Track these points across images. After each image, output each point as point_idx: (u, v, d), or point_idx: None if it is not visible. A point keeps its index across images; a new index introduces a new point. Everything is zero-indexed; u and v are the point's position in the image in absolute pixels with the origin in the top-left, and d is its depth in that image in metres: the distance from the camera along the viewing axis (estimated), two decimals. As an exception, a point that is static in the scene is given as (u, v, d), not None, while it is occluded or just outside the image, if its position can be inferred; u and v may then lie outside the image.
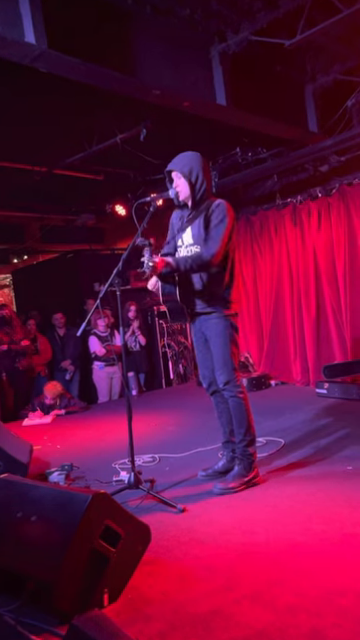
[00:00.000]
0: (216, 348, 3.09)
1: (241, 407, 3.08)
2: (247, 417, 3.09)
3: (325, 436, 3.97)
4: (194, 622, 1.79)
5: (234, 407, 3.10)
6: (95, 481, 3.39)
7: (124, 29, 3.75)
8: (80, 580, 1.84)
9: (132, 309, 6.98)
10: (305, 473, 3.17)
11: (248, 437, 3.08)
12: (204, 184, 3.06)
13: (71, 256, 8.43)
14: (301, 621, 1.73)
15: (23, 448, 3.65)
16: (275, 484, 3.05)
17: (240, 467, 3.07)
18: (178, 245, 3.20)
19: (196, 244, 3.07)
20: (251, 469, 3.07)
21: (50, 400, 5.98)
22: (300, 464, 3.37)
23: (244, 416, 3.08)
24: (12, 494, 2.18)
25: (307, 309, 6.48)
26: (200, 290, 3.07)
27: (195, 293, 3.07)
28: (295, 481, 3.06)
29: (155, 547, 2.27)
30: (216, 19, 4.01)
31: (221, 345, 3.07)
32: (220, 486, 3.00)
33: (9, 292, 9.84)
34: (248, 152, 6.23)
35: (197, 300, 3.09)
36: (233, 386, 3.07)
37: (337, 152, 5.86)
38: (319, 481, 3.00)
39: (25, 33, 3.12)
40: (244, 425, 3.08)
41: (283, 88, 5.02)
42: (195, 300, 3.09)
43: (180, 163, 3.08)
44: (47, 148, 5.69)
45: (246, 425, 3.08)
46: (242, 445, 3.08)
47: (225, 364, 3.07)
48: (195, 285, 3.07)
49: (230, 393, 3.09)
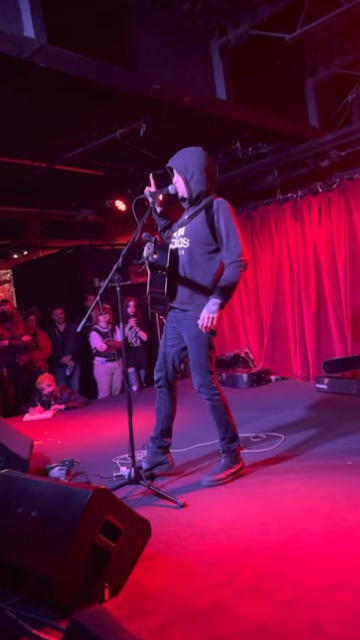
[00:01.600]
0: (192, 351, 3.09)
1: (218, 409, 3.10)
2: (226, 417, 3.11)
3: (325, 431, 3.98)
4: (194, 616, 1.81)
5: (211, 409, 3.11)
6: (95, 476, 3.40)
7: (124, 23, 3.73)
8: (81, 575, 1.85)
9: (131, 304, 6.97)
10: (305, 468, 3.18)
11: (229, 435, 3.12)
12: (201, 181, 3.04)
13: (71, 251, 8.41)
14: (300, 615, 1.74)
15: (23, 443, 3.66)
16: (275, 479, 3.06)
17: (226, 460, 3.12)
18: (172, 236, 3.18)
19: (187, 237, 3.07)
20: (237, 461, 3.14)
21: (47, 388, 5.96)
22: (300, 459, 3.38)
23: (222, 417, 3.11)
24: (13, 489, 2.19)
25: (307, 304, 6.48)
26: (184, 287, 3.06)
27: (179, 288, 3.07)
28: (295, 476, 3.07)
29: (155, 542, 2.28)
30: (216, 13, 3.99)
31: (196, 347, 3.07)
32: (208, 478, 3.06)
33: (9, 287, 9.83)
34: (248, 147, 6.21)
35: (178, 295, 3.08)
36: (208, 389, 3.08)
37: (338, 147, 5.85)
38: (319, 476, 3.01)
39: (24, 27, 3.11)
40: (223, 424, 3.11)
41: (283, 82, 5.00)
42: (177, 294, 3.08)
43: (177, 160, 3.09)
44: (47, 143, 5.67)
45: (225, 424, 3.11)
46: (224, 443, 3.13)
47: (200, 367, 3.07)
48: (180, 280, 3.07)
49: (205, 396, 3.11)
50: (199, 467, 3.41)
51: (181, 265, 3.07)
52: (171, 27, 4.01)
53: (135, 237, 3.07)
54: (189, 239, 3.06)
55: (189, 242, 3.06)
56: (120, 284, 3.02)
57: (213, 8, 3.91)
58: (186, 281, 3.06)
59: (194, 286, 3.05)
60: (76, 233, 8.77)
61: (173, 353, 3.22)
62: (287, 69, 4.87)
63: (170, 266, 3.04)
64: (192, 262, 3.05)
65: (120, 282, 3.02)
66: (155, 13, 3.83)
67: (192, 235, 3.05)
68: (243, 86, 4.55)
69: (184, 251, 3.07)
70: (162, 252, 3.06)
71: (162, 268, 3.03)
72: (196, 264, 3.04)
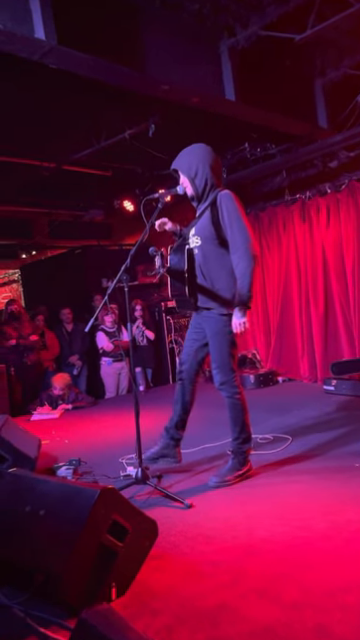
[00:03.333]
0: (214, 347, 3.09)
1: (237, 407, 3.10)
2: (242, 417, 3.11)
3: (332, 433, 3.96)
4: (201, 616, 1.81)
5: (230, 407, 3.12)
6: (102, 476, 3.41)
7: (133, 24, 3.74)
8: (88, 574, 1.86)
9: (137, 308, 6.98)
10: (312, 470, 3.17)
11: (243, 435, 3.12)
12: (205, 177, 3.04)
13: (79, 252, 8.44)
14: (307, 617, 1.73)
15: (31, 442, 3.68)
16: (282, 481, 3.05)
17: (235, 461, 3.12)
18: (188, 236, 3.20)
19: (198, 235, 3.08)
20: (245, 463, 3.14)
21: (59, 391, 6.00)
22: (307, 461, 3.37)
23: (239, 416, 3.11)
24: (20, 488, 2.21)
25: (315, 305, 6.45)
26: (203, 285, 3.07)
27: (199, 288, 3.08)
28: (302, 478, 3.06)
29: (162, 542, 2.28)
30: (225, 14, 3.98)
31: (219, 344, 3.07)
32: (215, 479, 3.06)
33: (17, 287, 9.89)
34: (257, 148, 6.20)
35: (199, 295, 3.09)
36: (229, 386, 3.09)
37: (347, 148, 5.82)
38: (326, 478, 3.00)
39: (35, 29, 3.13)
40: (239, 424, 3.11)
41: (292, 83, 4.99)
42: (198, 294, 3.09)
43: (180, 160, 3.11)
44: (55, 144, 5.70)
45: (241, 424, 3.11)
46: (237, 443, 3.13)
47: (222, 364, 3.08)
48: (199, 279, 3.08)
49: (226, 393, 3.11)
50: (206, 468, 3.41)
51: (197, 264, 3.08)
52: (180, 28, 4.01)
53: (143, 238, 3.08)
54: (200, 237, 3.07)
55: (200, 240, 3.07)
56: (128, 284, 3.04)
57: (222, 9, 3.91)
58: (205, 279, 3.07)
59: (213, 283, 3.06)
60: (84, 233, 8.80)
61: (196, 347, 3.22)
62: (296, 69, 4.86)
63: (188, 267, 3.04)
64: (206, 260, 3.06)
65: (128, 282, 3.03)
66: (164, 14, 3.84)
67: (202, 232, 3.06)
68: (252, 86, 4.54)
69: (198, 249, 3.08)
70: (179, 254, 3.07)
71: (180, 271, 3.03)
72: (210, 261, 3.05)
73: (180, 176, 3.13)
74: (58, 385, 6.01)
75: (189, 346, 3.26)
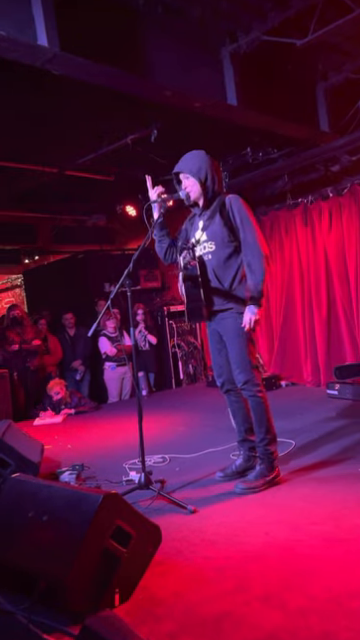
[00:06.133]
0: (233, 346, 3.08)
1: (261, 406, 3.06)
2: (267, 416, 3.08)
3: (336, 437, 3.94)
4: (204, 623, 1.79)
5: (254, 406, 3.08)
6: (106, 481, 3.40)
7: (136, 30, 3.76)
8: (91, 580, 1.85)
9: (139, 312, 6.99)
10: (316, 475, 3.16)
11: (269, 436, 3.07)
12: (214, 181, 3.07)
13: (82, 256, 8.46)
14: (312, 623, 1.72)
15: (34, 447, 3.68)
16: (286, 486, 3.04)
17: (262, 467, 3.06)
18: (190, 244, 3.19)
19: (211, 240, 3.07)
20: (273, 468, 3.06)
21: (56, 396, 6.00)
22: (311, 466, 3.35)
23: (264, 415, 3.07)
24: (23, 493, 2.20)
25: (318, 309, 6.44)
26: (218, 288, 3.08)
27: (214, 292, 3.09)
28: (306, 483, 3.04)
29: (166, 548, 2.27)
30: (227, 19, 4.01)
31: (238, 343, 3.06)
32: (242, 486, 2.98)
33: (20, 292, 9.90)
34: (259, 152, 6.21)
35: (215, 298, 3.09)
36: (252, 385, 3.06)
37: (349, 152, 5.83)
38: (330, 483, 2.99)
39: (38, 36, 3.15)
40: (264, 424, 3.06)
41: (294, 87, 5.00)
42: (214, 298, 3.09)
43: (188, 163, 3.09)
44: (58, 149, 5.72)
45: (266, 424, 3.07)
46: (263, 444, 3.07)
47: (243, 363, 3.06)
48: (213, 284, 3.08)
49: (249, 392, 3.08)
50: (210, 473, 3.39)
51: (210, 269, 3.08)
52: (182, 33, 4.03)
53: (146, 242, 3.09)
54: (214, 242, 3.07)
55: (215, 245, 3.06)
56: (131, 289, 3.04)
57: (224, 14, 3.93)
58: (220, 282, 3.07)
59: (228, 285, 3.07)
60: (87, 238, 8.82)
61: (225, 354, 3.20)
62: (298, 74, 4.87)
63: (201, 274, 3.05)
64: (221, 264, 3.06)
65: (131, 287, 3.04)
66: (166, 20, 3.86)
67: (216, 237, 3.06)
68: (254, 91, 4.55)
69: (211, 255, 3.08)
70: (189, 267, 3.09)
71: (195, 278, 3.04)
72: (225, 265, 3.06)
73: (183, 180, 3.10)
74: (53, 390, 6.01)
75: (218, 356, 3.24)
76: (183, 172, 3.10)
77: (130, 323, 3.23)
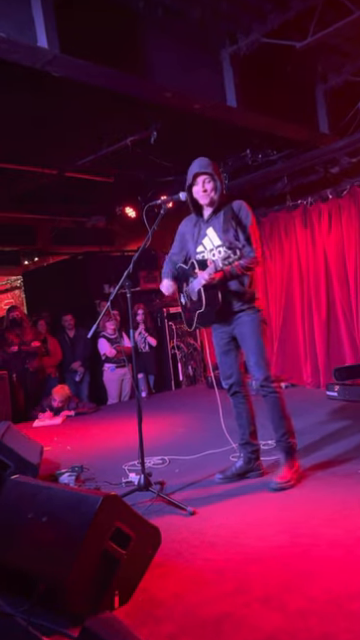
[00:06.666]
0: (252, 345, 3.12)
1: (280, 402, 3.14)
2: (286, 411, 3.16)
3: (336, 439, 3.94)
4: (204, 625, 1.79)
5: (274, 402, 3.14)
6: (105, 483, 3.40)
7: (136, 32, 3.76)
8: (91, 582, 1.85)
9: (140, 312, 6.98)
10: (316, 476, 3.15)
11: (290, 430, 3.15)
12: (223, 188, 3.14)
13: (81, 258, 8.46)
14: (312, 625, 1.71)
15: (33, 449, 3.68)
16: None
17: (287, 458, 3.12)
18: (198, 252, 3.20)
19: (225, 244, 3.08)
20: (295, 459, 3.15)
21: (58, 403, 6.02)
22: (311, 467, 3.34)
23: (283, 411, 3.14)
24: (23, 495, 2.20)
25: (317, 311, 6.44)
26: (237, 291, 3.12)
27: (233, 294, 3.12)
28: (306, 484, 3.04)
29: (165, 549, 2.27)
30: (227, 21, 4.01)
31: (256, 342, 3.11)
32: (276, 481, 3.01)
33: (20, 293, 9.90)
34: (258, 154, 6.22)
35: (234, 300, 3.13)
36: (271, 381, 3.12)
37: (348, 153, 5.83)
38: (330, 484, 2.98)
39: (38, 38, 3.15)
40: (284, 419, 3.14)
41: (294, 89, 5.01)
42: (233, 301, 3.13)
43: (208, 166, 3.09)
44: (58, 151, 5.73)
45: (285, 418, 3.15)
46: (285, 438, 3.13)
47: (262, 360, 3.12)
48: (232, 287, 3.11)
49: (268, 389, 3.13)
50: (209, 474, 3.39)
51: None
52: (182, 35, 4.03)
53: (146, 244, 3.09)
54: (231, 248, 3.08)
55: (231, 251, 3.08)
56: (130, 290, 3.04)
57: (224, 16, 3.93)
58: (238, 285, 3.11)
59: (246, 286, 3.12)
60: (86, 239, 8.82)
61: (234, 356, 3.24)
62: (298, 76, 4.88)
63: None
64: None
65: (130, 288, 3.04)
66: (166, 21, 3.86)
67: (229, 242, 3.06)
68: (253, 93, 4.56)
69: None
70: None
71: (215, 285, 3.05)
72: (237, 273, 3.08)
73: (203, 183, 3.08)
74: (58, 397, 6.02)
75: (227, 357, 3.26)
76: (205, 174, 3.08)
77: (130, 324, 3.23)
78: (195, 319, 3.19)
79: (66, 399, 6.08)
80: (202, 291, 3.07)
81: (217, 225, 3.11)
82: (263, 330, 3.12)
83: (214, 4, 3.78)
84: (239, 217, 3.09)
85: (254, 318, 3.10)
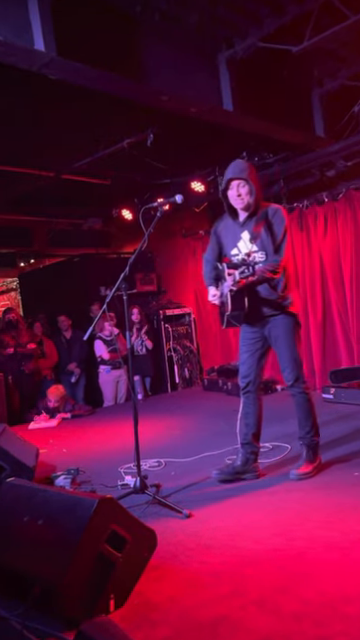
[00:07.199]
0: (285, 347, 3.20)
1: (309, 402, 3.25)
2: (314, 410, 3.27)
3: (331, 442, 3.94)
4: (200, 628, 1.79)
5: (303, 402, 3.24)
6: (101, 485, 3.40)
7: (133, 35, 3.78)
8: (86, 585, 1.85)
9: (135, 312, 6.97)
10: (312, 479, 3.16)
11: (315, 428, 3.27)
12: (259, 192, 3.15)
13: (78, 260, 8.46)
14: (307, 628, 1.72)
15: (29, 452, 3.67)
16: (281, 490, 3.04)
17: (309, 454, 3.24)
18: (233, 254, 3.25)
19: (261, 251, 3.11)
20: (317, 455, 3.28)
21: (54, 403, 6.00)
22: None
23: (312, 409, 3.26)
24: (18, 498, 2.19)
25: (313, 314, 6.46)
26: (271, 295, 3.15)
27: (266, 299, 3.16)
28: (302, 487, 3.04)
29: (161, 552, 2.26)
30: (223, 25, 4.04)
31: (290, 344, 3.19)
32: (297, 472, 3.15)
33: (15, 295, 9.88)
34: (255, 156, 6.24)
35: (268, 304, 3.17)
36: (301, 382, 3.22)
37: (344, 157, 5.86)
38: (326, 487, 2.99)
39: (35, 40, 3.15)
40: (311, 417, 3.25)
41: (290, 93, 5.04)
42: (266, 305, 3.17)
43: (243, 172, 3.09)
44: (55, 153, 5.73)
45: (313, 417, 3.26)
46: (310, 435, 3.25)
47: (295, 362, 3.20)
48: (264, 293, 3.15)
49: (299, 389, 3.22)
50: (206, 477, 3.39)
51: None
52: (179, 39, 4.05)
53: (142, 246, 3.10)
54: (264, 252, 3.13)
55: (265, 255, 3.13)
56: (127, 293, 3.04)
57: (220, 21, 3.96)
58: (272, 290, 3.14)
59: (280, 290, 3.16)
60: (83, 241, 8.82)
61: (258, 357, 3.30)
62: (294, 80, 4.91)
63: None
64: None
65: (127, 291, 3.04)
66: (163, 25, 3.87)
67: (266, 248, 3.12)
68: (250, 97, 4.58)
69: (261, 264, 3.13)
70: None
71: (238, 292, 3.09)
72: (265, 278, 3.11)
73: (237, 187, 3.09)
74: (53, 397, 6.00)
75: (251, 358, 3.30)
76: (240, 179, 3.08)
77: (126, 327, 3.24)
78: (224, 319, 3.29)
79: (61, 399, 6.06)
80: (229, 296, 3.12)
81: (252, 231, 3.15)
82: (296, 333, 3.21)
83: (211, 9, 3.80)
84: (272, 222, 3.11)
85: (289, 321, 3.18)
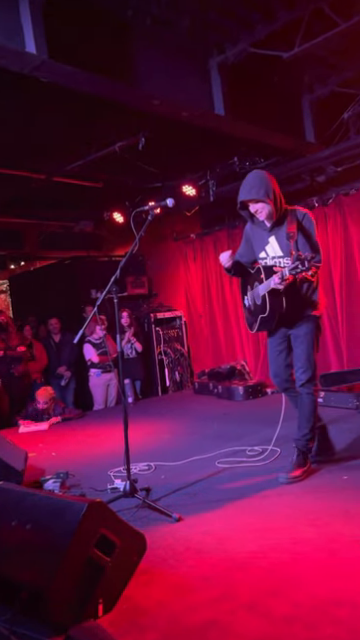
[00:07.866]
0: (303, 347, 3.24)
1: (314, 405, 3.28)
2: (316, 414, 3.30)
3: (321, 445, 3.96)
4: (189, 632, 1.78)
5: (307, 404, 3.26)
6: (90, 489, 3.37)
7: (124, 39, 3.79)
8: (75, 590, 1.83)
9: (124, 315, 6.96)
10: (301, 482, 3.17)
11: (312, 433, 3.29)
12: (280, 198, 3.19)
13: (69, 262, 8.43)
14: (297, 631, 1.72)
15: (18, 455, 3.64)
16: (271, 493, 3.04)
17: (300, 458, 3.26)
18: (261, 257, 3.32)
19: (287, 257, 3.15)
20: (308, 460, 3.30)
21: (43, 405, 5.95)
22: (296, 473, 3.36)
23: (314, 413, 3.28)
24: (7, 502, 2.17)
25: (303, 318, 6.49)
26: (297, 299, 3.19)
27: (295, 302, 3.18)
28: (291, 490, 3.05)
29: (150, 556, 2.25)
30: (215, 31, 4.06)
31: (308, 345, 3.23)
32: (286, 476, 3.17)
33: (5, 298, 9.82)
34: (245, 161, 6.27)
35: (297, 307, 3.20)
36: (312, 384, 3.25)
37: (334, 162, 5.91)
38: (316, 490, 3.00)
39: (26, 43, 3.15)
40: (311, 421, 3.27)
41: (281, 99, 5.08)
42: (295, 308, 3.20)
43: (252, 190, 3.15)
44: (46, 155, 5.72)
45: (313, 421, 3.28)
46: (305, 439, 3.27)
47: (309, 363, 3.23)
48: (295, 297, 3.18)
49: (308, 390, 3.25)
50: (195, 480, 3.39)
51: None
52: (171, 44, 4.07)
53: (133, 249, 3.10)
54: (289, 257, 3.14)
55: (288, 260, 3.14)
56: (117, 296, 3.04)
57: (212, 26, 3.98)
58: (299, 293, 3.18)
59: (304, 294, 3.21)
60: (74, 244, 8.81)
61: (284, 356, 3.36)
62: (284, 86, 4.95)
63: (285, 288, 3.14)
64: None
65: (117, 294, 3.04)
66: (155, 30, 3.89)
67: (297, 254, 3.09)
68: (241, 102, 4.61)
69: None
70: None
71: (281, 293, 3.11)
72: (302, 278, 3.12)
73: (254, 204, 3.17)
74: (42, 399, 5.96)
75: (279, 357, 3.37)
76: (252, 200, 3.17)
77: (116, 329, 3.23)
78: (258, 322, 3.29)
79: (50, 400, 6.02)
80: (267, 296, 3.14)
81: (280, 235, 3.19)
82: (316, 336, 3.25)
83: (202, 14, 3.82)
84: (303, 226, 3.17)
85: (311, 322, 3.22)
